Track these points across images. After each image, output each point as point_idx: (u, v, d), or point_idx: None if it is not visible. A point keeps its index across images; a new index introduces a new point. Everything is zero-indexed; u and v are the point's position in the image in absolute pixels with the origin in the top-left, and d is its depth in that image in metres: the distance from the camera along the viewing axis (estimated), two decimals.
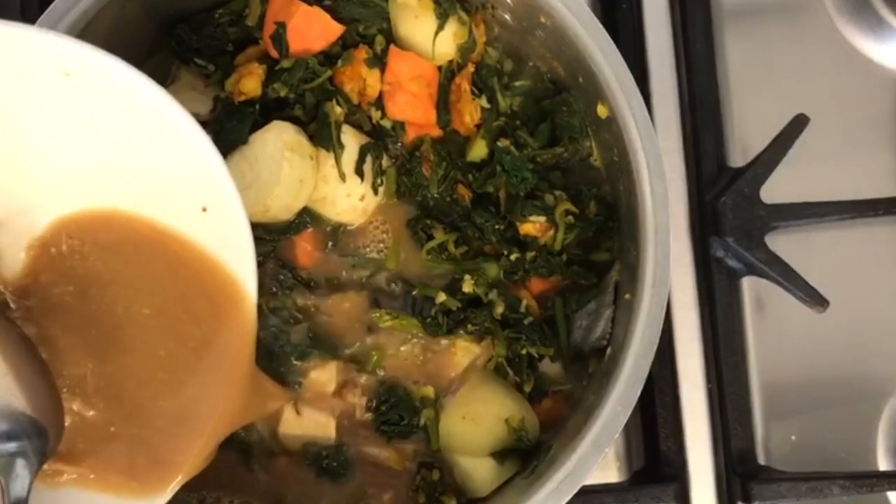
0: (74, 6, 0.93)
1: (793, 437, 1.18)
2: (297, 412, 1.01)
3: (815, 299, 1.10)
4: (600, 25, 0.97)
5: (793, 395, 1.19)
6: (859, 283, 1.21)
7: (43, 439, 0.82)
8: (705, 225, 1.16)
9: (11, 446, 0.79)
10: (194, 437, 0.84)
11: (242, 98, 1.02)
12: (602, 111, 0.98)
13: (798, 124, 1.13)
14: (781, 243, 1.14)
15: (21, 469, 0.79)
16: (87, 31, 0.93)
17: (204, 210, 0.85)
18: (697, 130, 1.19)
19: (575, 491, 0.89)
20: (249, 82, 1.02)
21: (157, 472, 0.84)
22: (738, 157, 1.21)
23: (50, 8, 0.92)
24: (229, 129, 1.00)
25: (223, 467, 1.01)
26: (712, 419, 1.14)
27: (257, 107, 1.03)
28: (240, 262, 0.85)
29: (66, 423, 0.84)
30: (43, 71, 0.69)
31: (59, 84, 0.70)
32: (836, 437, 1.19)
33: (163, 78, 1.08)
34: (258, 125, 1.01)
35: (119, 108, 0.76)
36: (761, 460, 1.17)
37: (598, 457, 0.89)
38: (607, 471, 1.15)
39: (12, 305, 0.86)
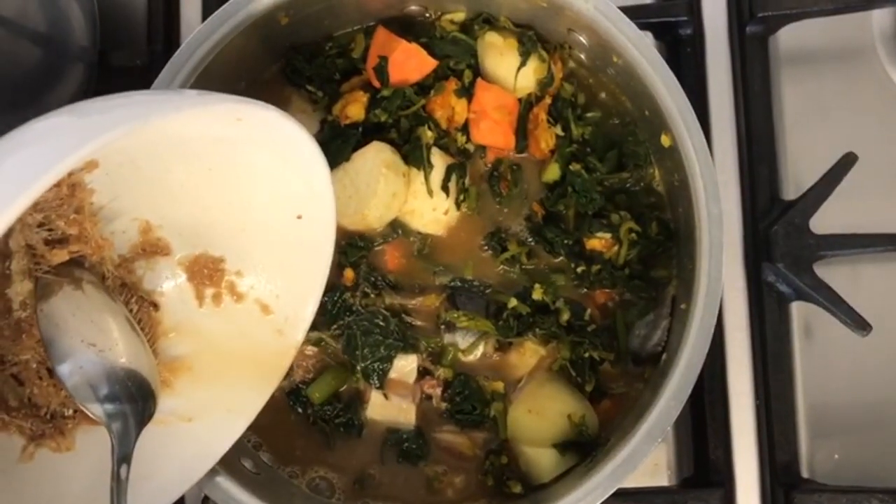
0: (207, 39, 1.03)
1: (836, 456, 1.18)
2: (386, 397, 1.08)
3: (859, 323, 1.09)
4: (666, 65, 1.02)
5: (837, 415, 1.19)
6: None
7: (150, 402, 0.90)
8: (758, 252, 1.18)
9: (110, 407, 0.86)
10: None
11: (348, 121, 1.10)
12: (665, 140, 1.04)
13: (847, 162, 1.13)
14: (829, 272, 1.14)
15: (124, 428, 0.86)
16: (217, 59, 1.03)
17: (299, 217, 0.96)
18: (753, 165, 1.21)
19: (629, 475, 0.94)
20: (354, 108, 1.09)
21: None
22: (791, 190, 1.22)
23: (188, 40, 1.02)
24: (334, 148, 1.07)
25: (310, 446, 1.10)
26: (759, 433, 1.15)
27: (360, 129, 1.10)
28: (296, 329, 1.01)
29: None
30: (224, 117, 0.85)
31: (234, 126, 0.85)
32: (878, 460, 1.19)
33: (276, 101, 1.15)
34: (359, 145, 1.08)
35: (262, 139, 0.90)
36: (804, 474, 1.17)
37: (651, 445, 0.94)
38: (658, 477, 1.15)
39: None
